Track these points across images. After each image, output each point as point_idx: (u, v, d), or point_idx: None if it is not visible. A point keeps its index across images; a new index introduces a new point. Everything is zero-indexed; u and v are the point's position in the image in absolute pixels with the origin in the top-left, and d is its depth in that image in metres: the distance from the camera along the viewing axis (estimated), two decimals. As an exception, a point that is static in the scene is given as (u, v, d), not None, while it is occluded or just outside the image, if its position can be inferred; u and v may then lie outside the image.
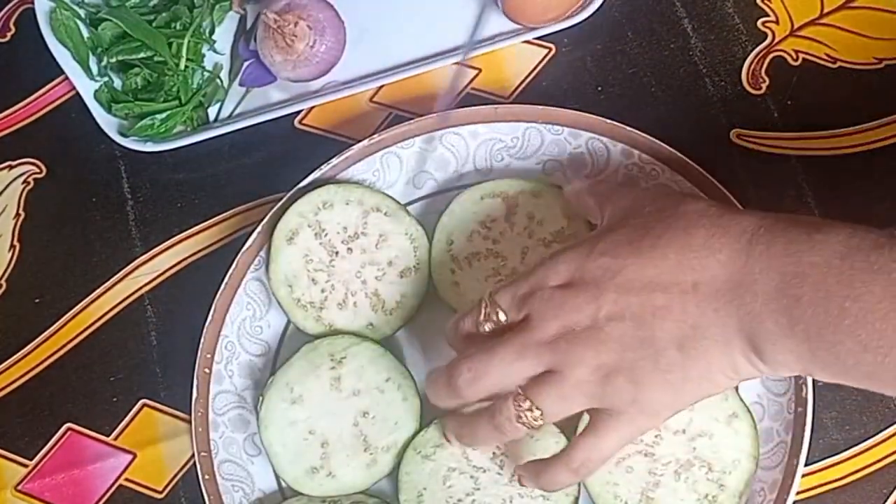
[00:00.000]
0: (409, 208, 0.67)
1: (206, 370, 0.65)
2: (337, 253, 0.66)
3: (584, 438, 0.56)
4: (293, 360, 0.64)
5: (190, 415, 0.65)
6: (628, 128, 0.66)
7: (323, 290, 0.65)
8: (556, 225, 0.65)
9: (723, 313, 0.51)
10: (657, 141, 0.66)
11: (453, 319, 0.60)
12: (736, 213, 0.54)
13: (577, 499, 0.62)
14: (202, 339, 0.65)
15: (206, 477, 0.64)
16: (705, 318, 0.52)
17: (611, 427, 0.55)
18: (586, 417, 0.57)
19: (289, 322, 0.67)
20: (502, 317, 0.56)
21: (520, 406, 0.55)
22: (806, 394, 0.61)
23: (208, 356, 0.65)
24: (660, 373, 0.53)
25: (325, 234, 0.66)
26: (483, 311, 0.57)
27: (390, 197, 0.67)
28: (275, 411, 0.63)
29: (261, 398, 0.64)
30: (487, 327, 0.57)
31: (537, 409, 0.55)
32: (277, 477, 0.65)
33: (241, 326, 0.66)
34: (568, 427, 0.61)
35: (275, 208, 0.66)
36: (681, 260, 0.53)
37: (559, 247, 0.63)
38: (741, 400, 0.61)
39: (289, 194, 0.66)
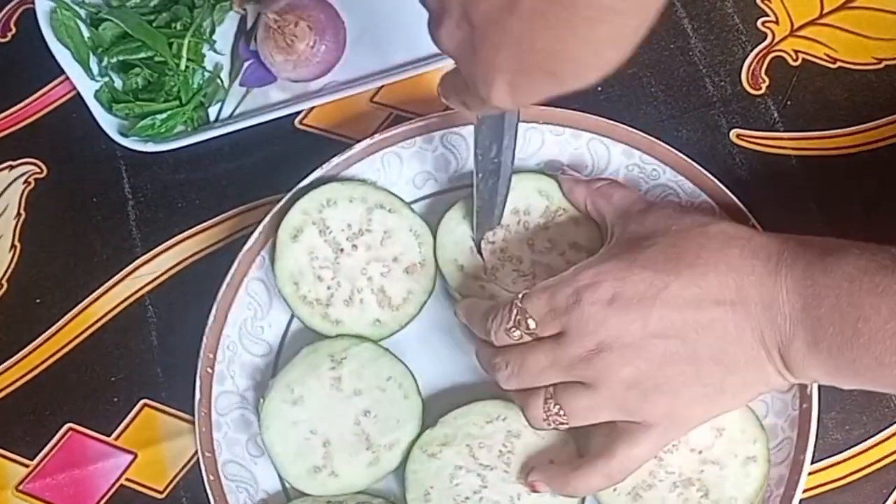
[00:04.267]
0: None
1: (209, 370, 0.65)
2: (342, 250, 0.66)
3: (620, 447, 0.57)
4: (294, 362, 0.64)
5: (191, 415, 0.65)
6: (629, 128, 0.66)
7: (329, 287, 0.65)
8: (565, 244, 0.66)
9: (758, 332, 0.54)
10: (658, 141, 0.66)
11: (479, 313, 0.61)
12: (762, 236, 0.56)
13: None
14: (204, 339, 0.65)
15: (211, 478, 0.63)
16: (744, 335, 0.54)
17: (647, 438, 0.57)
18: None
19: (290, 322, 0.67)
20: (532, 324, 0.57)
21: (549, 410, 0.57)
22: (811, 391, 0.61)
23: (210, 356, 0.65)
24: (699, 386, 0.55)
25: (330, 232, 0.66)
26: (513, 318, 0.58)
27: (393, 194, 0.67)
28: (276, 412, 0.63)
29: (262, 400, 0.63)
30: (516, 335, 0.58)
31: (566, 415, 0.57)
32: (281, 478, 0.65)
33: (242, 326, 0.66)
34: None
35: (276, 207, 0.66)
36: (721, 280, 0.55)
37: (551, 255, 0.65)
38: (768, 448, 0.61)
39: (290, 194, 0.66)
